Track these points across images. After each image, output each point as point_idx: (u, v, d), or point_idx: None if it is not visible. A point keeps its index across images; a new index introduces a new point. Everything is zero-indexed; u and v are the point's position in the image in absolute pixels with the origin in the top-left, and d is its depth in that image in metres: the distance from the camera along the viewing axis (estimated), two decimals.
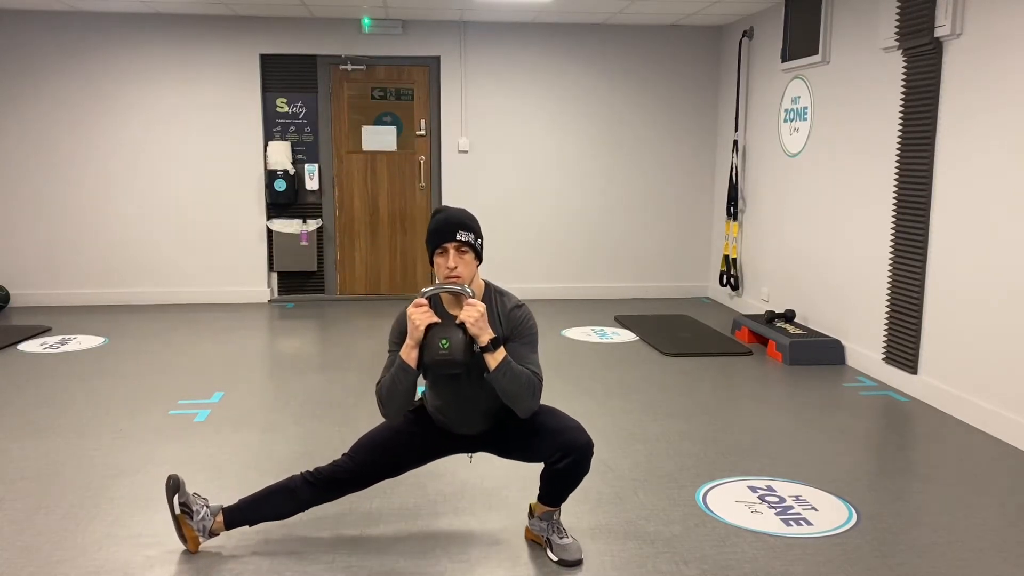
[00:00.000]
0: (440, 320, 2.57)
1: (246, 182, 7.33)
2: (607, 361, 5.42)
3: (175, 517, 2.73)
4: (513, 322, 2.66)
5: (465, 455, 2.91)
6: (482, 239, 2.66)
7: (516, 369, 2.55)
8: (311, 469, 2.79)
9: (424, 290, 2.60)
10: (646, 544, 2.87)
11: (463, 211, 2.66)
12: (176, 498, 2.72)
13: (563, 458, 2.67)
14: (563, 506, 3.09)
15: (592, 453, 2.71)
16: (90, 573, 2.65)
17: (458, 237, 2.57)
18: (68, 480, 3.38)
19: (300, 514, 3.07)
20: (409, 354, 2.56)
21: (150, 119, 7.16)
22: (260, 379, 5.05)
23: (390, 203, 7.57)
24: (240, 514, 2.78)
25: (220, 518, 2.77)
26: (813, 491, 3.34)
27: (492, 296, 2.70)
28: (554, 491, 2.78)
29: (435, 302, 2.64)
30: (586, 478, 3.41)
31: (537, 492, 2.82)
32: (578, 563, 2.72)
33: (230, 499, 2.83)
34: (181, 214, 7.29)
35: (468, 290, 2.57)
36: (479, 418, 2.74)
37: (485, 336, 2.52)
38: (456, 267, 2.57)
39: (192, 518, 2.73)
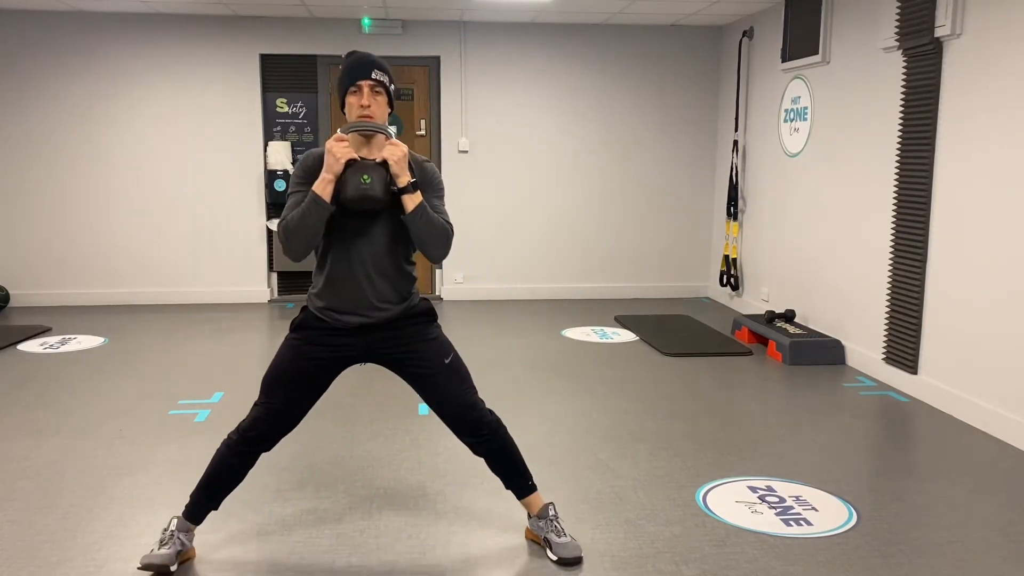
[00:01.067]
0: (358, 159, 2.52)
1: (246, 182, 7.33)
2: (607, 361, 5.42)
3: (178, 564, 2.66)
4: (425, 173, 2.65)
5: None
6: (395, 86, 2.63)
7: (431, 213, 2.55)
8: (233, 435, 2.66)
9: (346, 125, 2.56)
10: (646, 544, 2.87)
11: (376, 56, 2.62)
12: (171, 568, 2.60)
13: (470, 439, 2.73)
14: (564, 506, 3.10)
15: (501, 434, 2.76)
16: (90, 573, 2.65)
17: (373, 76, 2.54)
18: (68, 480, 3.38)
19: (299, 514, 3.07)
20: (325, 188, 2.47)
21: (150, 119, 7.16)
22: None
23: None
24: (200, 509, 2.70)
25: (191, 526, 2.69)
26: (813, 491, 3.34)
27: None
28: (504, 476, 2.83)
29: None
30: (586, 478, 3.42)
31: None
32: (577, 561, 2.72)
33: (230, 499, 2.82)
34: (181, 214, 7.29)
35: (390, 131, 2.56)
36: (377, 287, 2.60)
37: (405, 177, 2.50)
38: (370, 105, 2.53)
39: (185, 551, 2.66)
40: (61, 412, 4.28)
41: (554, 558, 2.73)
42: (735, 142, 7.17)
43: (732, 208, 7.16)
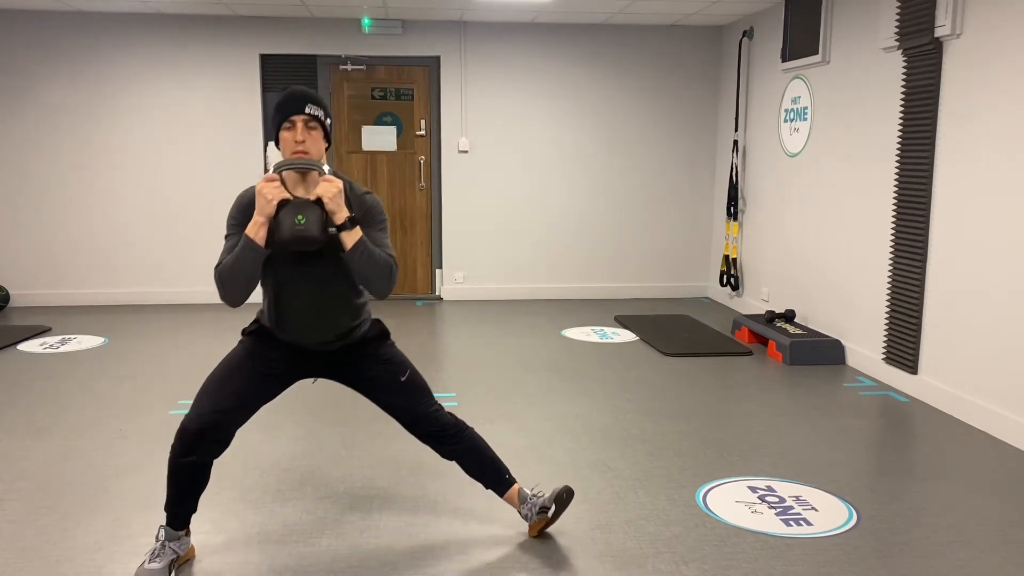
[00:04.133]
0: (292, 198, 2.43)
1: (246, 182, 7.30)
2: (607, 361, 5.42)
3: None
4: (364, 207, 2.57)
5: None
6: (331, 119, 2.56)
7: (372, 249, 2.47)
8: (175, 445, 2.52)
9: (276, 163, 2.47)
10: (646, 544, 2.87)
11: (312, 90, 2.57)
12: None
13: (437, 448, 2.77)
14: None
15: (465, 437, 2.78)
16: (90, 573, 2.65)
17: (307, 110, 2.47)
18: (68, 480, 3.38)
19: (299, 514, 3.07)
20: (258, 232, 2.40)
21: (150, 119, 7.16)
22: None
23: (390, 203, 7.56)
24: (179, 518, 2.64)
25: (178, 534, 2.65)
26: (813, 491, 3.34)
27: (343, 180, 2.58)
28: (480, 476, 2.86)
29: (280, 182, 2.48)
30: (586, 478, 3.42)
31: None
32: (568, 492, 2.85)
33: (230, 499, 2.83)
34: (181, 214, 7.29)
35: (325, 167, 2.49)
36: (322, 324, 2.59)
37: (342, 213, 2.41)
38: (304, 141, 2.46)
39: (180, 557, 2.65)
40: (61, 412, 4.28)
41: (551, 506, 2.82)
42: (735, 142, 7.17)
43: (732, 208, 7.16)
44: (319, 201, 2.42)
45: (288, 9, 6.77)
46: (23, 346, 5.74)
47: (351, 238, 2.44)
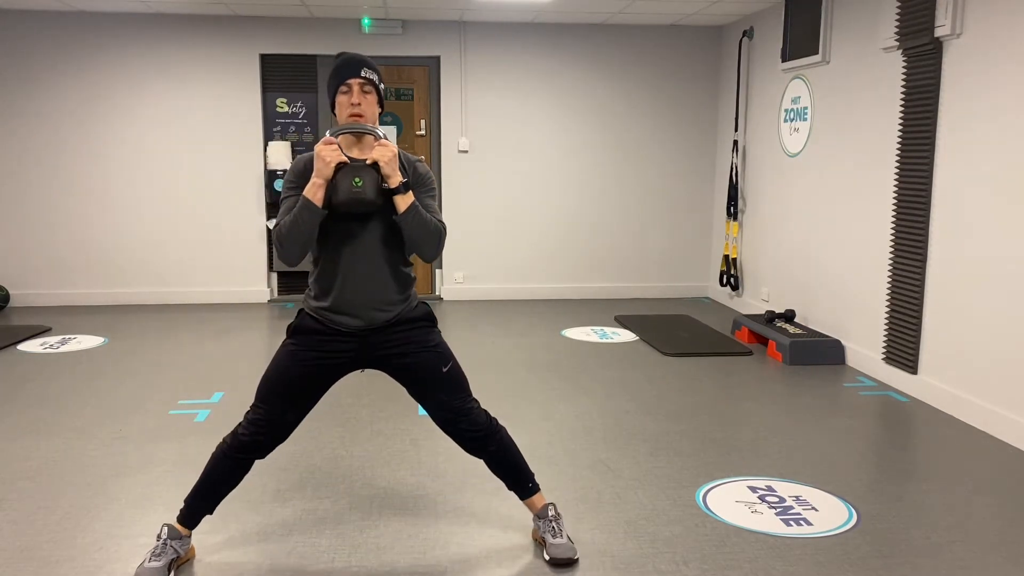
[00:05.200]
0: (349, 161, 2.51)
1: (246, 182, 7.33)
2: (607, 361, 5.42)
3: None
4: (416, 174, 2.65)
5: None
6: (385, 85, 2.62)
7: (423, 213, 2.55)
8: (229, 440, 2.63)
9: (333, 128, 2.54)
10: (646, 544, 2.87)
11: (365, 55, 2.64)
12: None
13: (468, 444, 2.72)
14: (564, 506, 3.10)
15: (498, 438, 2.74)
16: (90, 573, 2.65)
17: (362, 74, 2.55)
18: (68, 480, 3.38)
19: (299, 514, 3.07)
20: (316, 193, 2.46)
21: (150, 119, 7.16)
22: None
23: None
24: (194, 513, 2.68)
25: (183, 530, 2.67)
26: (813, 491, 3.34)
27: (396, 147, 2.64)
28: (504, 478, 2.82)
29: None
30: (586, 478, 3.42)
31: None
32: (569, 563, 2.70)
33: (230, 499, 2.83)
34: (181, 214, 7.29)
35: (380, 132, 2.55)
36: (373, 289, 2.59)
37: (396, 178, 2.49)
38: (360, 104, 2.54)
39: (180, 558, 2.65)
40: (61, 412, 4.28)
41: (547, 558, 2.73)
42: (735, 142, 7.17)
43: (732, 208, 7.16)
44: (375, 164, 2.49)
45: (288, 9, 6.77)
46: (23, 346, 5.74)
47: (404, 201, 2.51)
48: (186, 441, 3.86)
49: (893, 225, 4.85)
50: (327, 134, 2.53)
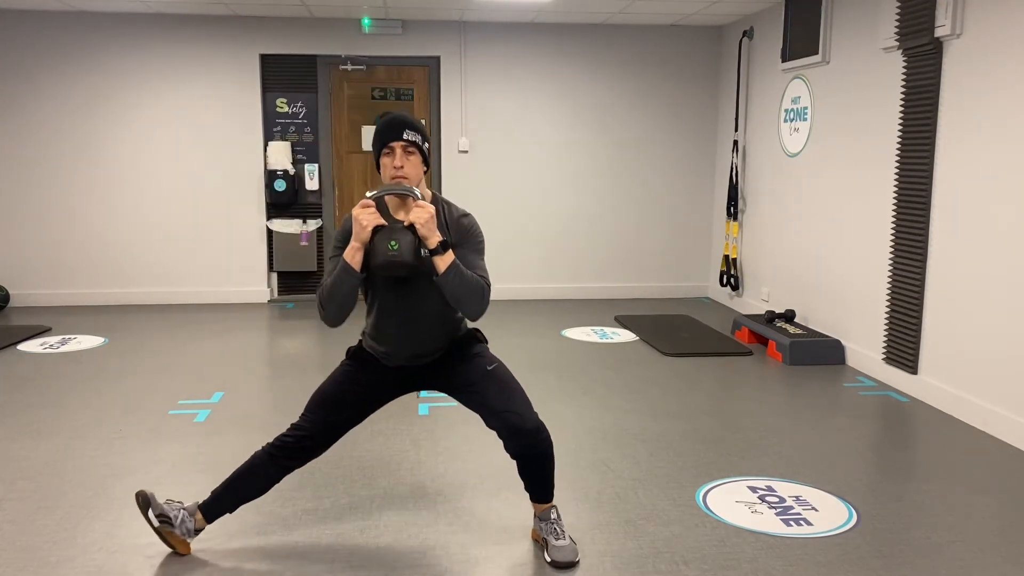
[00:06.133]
0: (387, 223, 2.52)
1: (246, 182, 7.33)
2: (607, 361, 5.42)
3: (156, 531, 2.70)
4: (460, 229, 2.64)
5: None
6: (429, 144, 2.64)
7: (465, 272, 2.53)
8: (273, 441, 2.72)
9: (371, 192, 2.55)
10: (646, 544, 2.87)
11: (410, 115, 2.66)
12: (151, 512, 2.68)
13: (511, 442, 2.67)
14: (564, 506, 3.10)
15: (542, 435, 2.68)
16: (90, 573, 2.65)
17: (405, 136, 2.55)
18: (68, 480, 3.38)
19: (299, 514, 3.07)
20: (354, 256, 2.49)
21: (150, 119, 7.16)
22: (260, 379, 5.05)
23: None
24: (217, 504, 2.76)
25: (199, 515, 2.75)
26: (813, 491, 3.34)
27: (440, 203, 2.67)
28: (528, 482, 2.78)
29: (381, 207, 2.59)
30: (586, 478, 3.42)
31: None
32: (570, 565, 2.70)
33: None
34: (181, 214, 7.29)
35: (417, 192, 2.54)
36: (422, 339, 2.67)
37: (434, 238, 2.48)
38: (402, 167, 2.55)
39: (173, 525, 2.70)
40: (61, 412, 4.28)
41: (548, 559, 2.73)
42: (735, 142, 7.17)
43: (732, 208, 7.16)
44: (412, 226, 2.49)
45: (288, 9, 6.77)
46: (23, 346, 5.74)
47: (443, 262, 2.50)
48: (186, 441, 3.86)
49: (893, 225, 4.85)
50: (366, 195, 2.55)
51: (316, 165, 7.39)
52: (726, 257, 7.30)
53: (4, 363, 5.28)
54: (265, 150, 7.30)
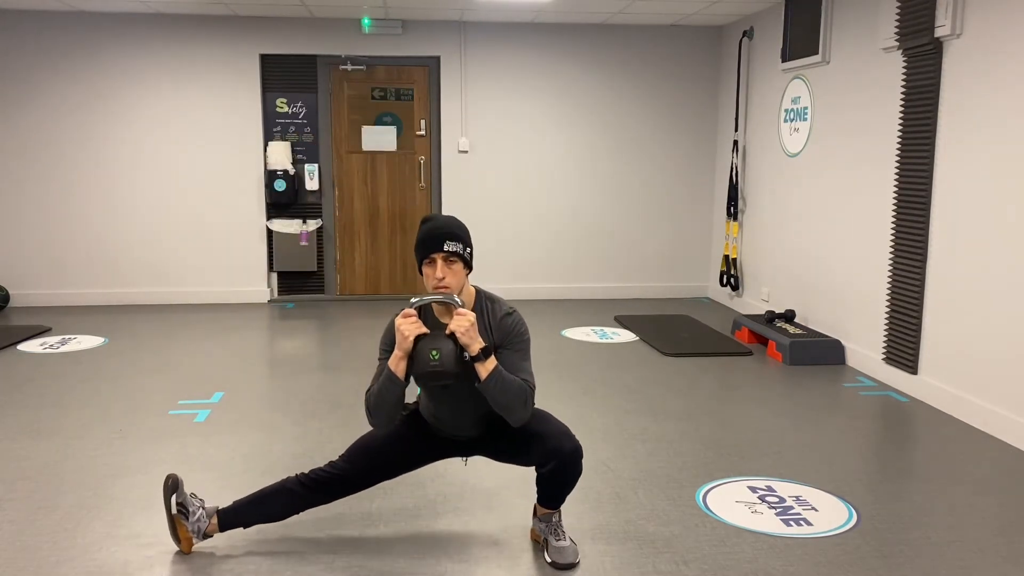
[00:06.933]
0: (429, 331, 2.54)
1: (246, 182, 7.33)
2: (607, 361, 5.42)
3: (171, 517, 2.72)
4: (504, 330, 2.63)
5: (460, 459, 2.91)
6: (471, 248, 2.62)
7: (507, 378, 2.52)
8: (307, 472, 2.78)
9: (412, 300, 2.57)
10: (646, 544, 2.87)
11: (452, 219, 2.64)
12: (174, 498, 2.72)
13: (548, 462, 2.65)
14: (564, 506, 3.09)
15: (579, 458, 2.67)
16: (90, 573, 2.65)
17: (446, 248, 2.54)
18: (68, 480, 3.38)
19: (300, 515, 3.07)
20: (398, 365, 2.53)
21: (150, 119, 7.16)
22: (260, 379, 5.05)
23: (390, 203, 7.57)
24: (235, 516, 2.77)
25: (215, 520, 2.76)
26: (813, 491, 3.34)
27: (483, 304, 2.67)
28: (549, 494, 2.77)
29: (425, 312, 2.62)
30: (586, 478, 3.41)
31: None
32: (571, 566, 2.70)
33: (230, 499, 2.83)
34: (181, 214, 7.29)
35: (457, 300, 2.54)
36: (472, 424, 2.74)
37: (476, 346, 2.49)
38: (444, 278, 2.54)
39: (188, 519, 2.72)
40: (61, 412, 4.28)
41: (548, 560, 2.73)
42: (735, 142, 7.17)
43: (732, 208, 7.16)
44: (453, 334, 2.49)
45: (288, 9, 6.77)
46: (23, 346, 5.74)
47: (485, 369, 2.50)
48: (186, 441, 3.86)
49: (893, 225, 4.85)
50: (410, 302, 2.56)
51: (316, 165, 7.39)
52: (726, 257, 7.31)
53: (4, 363, 5.28)
54: (265, 150, 7.30)
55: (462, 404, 2.68)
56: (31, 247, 7.19)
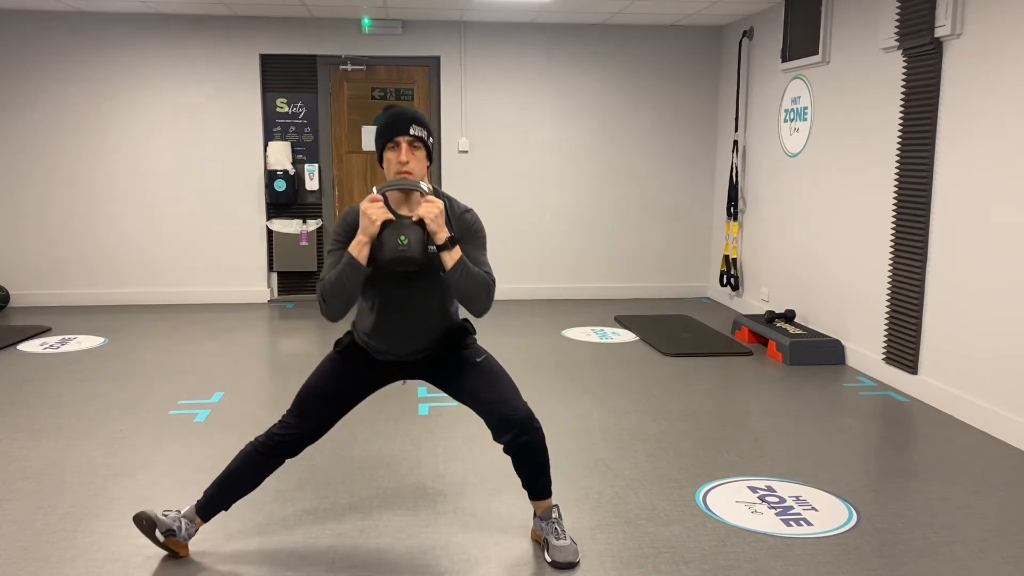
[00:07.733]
0: (394, 218, 2.50)
1: (246, 182, 7.33)
2: (607, 361, 5.42)
3: (162, 545, 2.70)
4: (464, 225, 2.63)
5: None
6: (433, 139, 2.62)
7: (471, 268, 2.52)
8: (261, 437, 2.71)
9: (379, 186, 2.53)
10: (646, 544, 2.87)
11: (415, 109, 2.62)
12: (157, 532, 2.67)
13: (506, 431, 2.64)
14: (564, 506, 3.10)
15: (534, 430, 2.65)
16: (90, 573, 2.65)
17: (411, 131, 2.52)
18: (68, 480, 3.39)
19: (299, 514, 3.07)
20: (360, 251, 2.47)
21: (150, 119, 7.16)
22: (260, 379, 5.05)
23: None
24: (211, 504, 2.74)
25: (198, 519, 2.74)
26: (813, 491, 3.34)
27: (443, 199, 2.63)
28: (526, 477, 2.76)
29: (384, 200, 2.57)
30: (586, 478, 3.42)
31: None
32: (571, 565, 2.70)
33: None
34: (181, 214, 7.29)
35: (424, 187, 2.53)
36: (411, 337, 2.67)
37: (443, 234, 2.47)
38: (408, 162, 2.52)
39: (177, 535, 2.70)
40: (61, 412, 4.28)
41: (548, 560, 2.73)
42: (735, 142, 7.17)
43: (732, 208, 7.16)
44: (420, 221, 2.47)
45: (288, 9, 6.77)
46: (23, 346, 5.74)
47: (451, 258, 2.49)
48: (186, 441, 3.86)
49: (893, 225, 4.85)
50: (373, 190, 2.52)
51: (316, 165, 7.39)
52: (726, 257, 7.31)
53: (4, 363, 5.28)
54: (265, 150, 7.30)
55: (415, 311, 2.63)
56: (31, 247, 7.19)
